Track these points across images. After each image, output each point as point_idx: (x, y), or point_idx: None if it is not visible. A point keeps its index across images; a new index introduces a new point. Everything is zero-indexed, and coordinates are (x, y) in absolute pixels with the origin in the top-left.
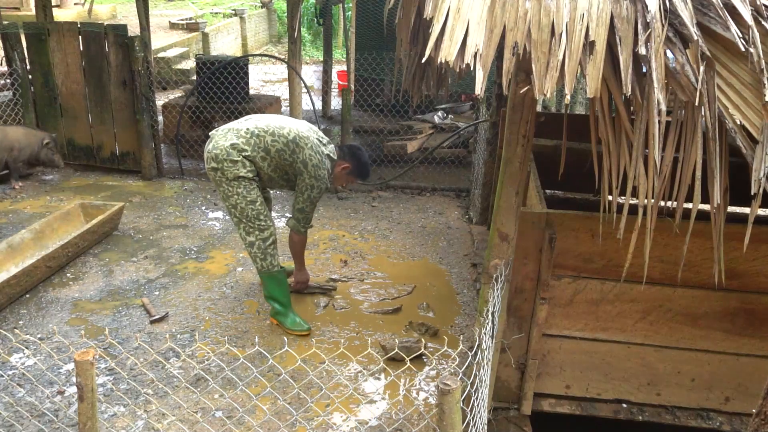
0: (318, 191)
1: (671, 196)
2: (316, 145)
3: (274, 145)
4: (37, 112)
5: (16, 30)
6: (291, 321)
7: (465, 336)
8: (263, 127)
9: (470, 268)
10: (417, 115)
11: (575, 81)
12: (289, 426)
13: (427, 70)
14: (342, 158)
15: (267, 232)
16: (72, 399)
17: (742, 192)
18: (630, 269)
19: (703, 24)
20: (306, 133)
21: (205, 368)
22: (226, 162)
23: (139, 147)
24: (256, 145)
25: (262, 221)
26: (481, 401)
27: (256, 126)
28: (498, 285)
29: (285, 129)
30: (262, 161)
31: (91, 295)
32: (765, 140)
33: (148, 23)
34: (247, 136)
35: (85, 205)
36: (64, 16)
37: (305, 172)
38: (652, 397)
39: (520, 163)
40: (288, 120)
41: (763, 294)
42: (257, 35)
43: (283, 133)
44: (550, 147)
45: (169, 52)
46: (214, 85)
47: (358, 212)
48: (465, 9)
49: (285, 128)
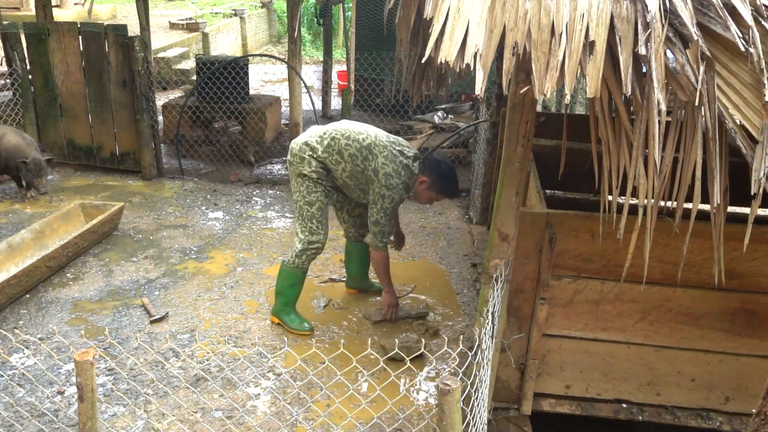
0: (391, 201)
1: (671, 196)
2: (392, 155)
3: (347, 149)
4: (37, 112)
5: (16, 30)
6: (294, 320)
7: (465, 336)
8: (342, 130)
9: (470, 268)
10: (417, 115)
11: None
12: (289, 426)
13: (427, 70)
14: (422, 172)
15: (315, 237)
16: (72, 399)
17: (742, 192)
18: (630, 269)
19: (703, 24)
20: (384, 141)
21: (205, 368)
22: (296, 157)
23: (139, 147)
24: (330, 147)
25: (315, 225)
26: (481, 401)
27: (336, 129)
28: (498, 285)
29: (362, 135)
30: (336, 164)
31: (91, 295)
32: (765, 140)
33: (148, 23)
34: (324, 137)
35: (85, 205)
36: (64, 16)
37: (376, 180)
38: (652, 397)
39: (520, 163)
40: (370, 128)
41: (763, 294)
42: (257, 35)
43: (359, 138)
44: (550, 147)
45: (169, 52)
46: (214, 85)
47: None
48: (465, 9)
49: (362, 134)
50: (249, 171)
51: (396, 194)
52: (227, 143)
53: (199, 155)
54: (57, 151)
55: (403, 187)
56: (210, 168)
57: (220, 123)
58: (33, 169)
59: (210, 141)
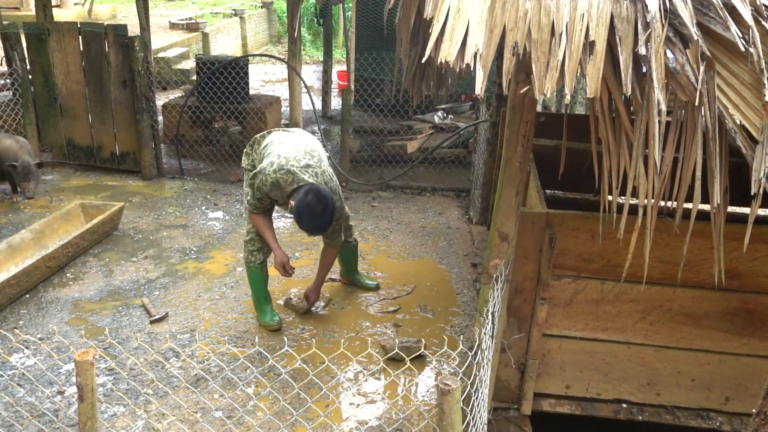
0: (251, 198)
1: (671, 196)
2: (282, 165)
3: (263, 148)
4: (37, 112)
5: (16, 30)
6: (263, 316)
7: (465, 336)
8: (271, 132)
9: (470, 268)
10: (417, 115)
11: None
12: (289, 426)
13: (427, 70)
14: (290, 196)
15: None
16: (72, 399)
17: (742, 192)
18: (630, 269)
19: (703, 24)
20: (290, 152)
21: (205, 368)
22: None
23: (139, 147)
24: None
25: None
26: (481, 401)
27: (272, 131)
28: (498, 285)
29: (275, 139)
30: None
31: (91, 295)
32: (765, 140)
33: (148, 23)
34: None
35: (85, 205)
36: (64, 16)
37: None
38: (652, 397)
39: (520, 163)
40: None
41: (763, 294)
42: (257, 35)
43: (269, 138)
44: (550, 147)
45: (169, 52)
46: (214, 85)
47: (358, 212)
48: (465, 9)
49: (277, 140)
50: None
51: (258, 194)
52: (227, 143)
53: (199, 155)
54: (57, 151)
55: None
56: (210, 168)
57: (220, 123)
58: (21, 172)
59: (210, 141)
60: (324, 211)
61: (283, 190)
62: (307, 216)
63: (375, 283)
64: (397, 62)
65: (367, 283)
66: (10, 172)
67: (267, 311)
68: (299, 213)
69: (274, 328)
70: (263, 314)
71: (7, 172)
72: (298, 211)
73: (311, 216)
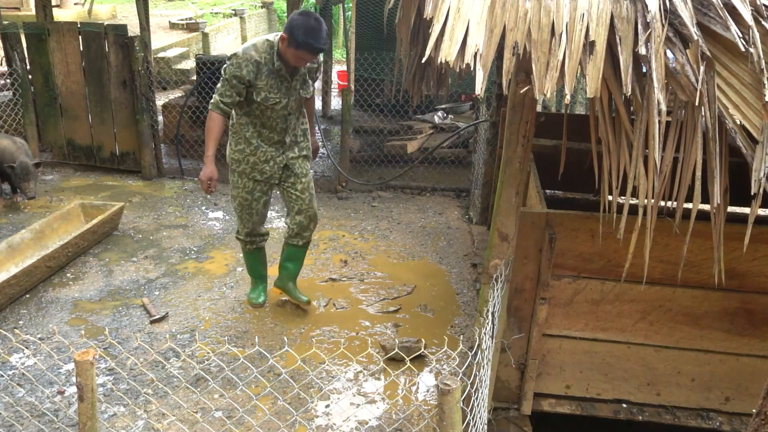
0: (219, 88)
1: (671, 196)
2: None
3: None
4: (37, 112)
5: (16, 30)
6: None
7: (465, 336)
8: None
9: (470, 268)
10: (417, 115)
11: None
12: (289, 426)
13: (427, 70)
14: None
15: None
16: (72, 399)
17: (742, 192)
18: (630, 269)
19: (703, 24)
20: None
21: (205, 368)
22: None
23: (139, 147)
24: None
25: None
26: (481, 401)
27: None
28: (498, 285)
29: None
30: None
31: (91, 295)
32: (765, 140)
33: (148, 23)
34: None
35: (85, 205)
36: (64, 16)
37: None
38: (652, 397)
39: (520, 163)
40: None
41: (763, 294)
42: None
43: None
44: (550, 147)
45: (169, 52)
46: (214, 85)
47: (357, 212)
48: (465, 9)
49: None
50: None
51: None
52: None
53: (199, 155)
54: (57, 151)
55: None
56: None
57: None
58: (20, 173)
59: None
60: (319, 24)
61: (258, 49)
62: (302, 28)
63: (307, 299)
64: (397, 62)
65: (300, 297)
66: (8, 173)
67: (256, 288)
68: (293, 28)
69: (255, 305)
70: (252, 289)
71: (6, 174)
72: (292, 27)
73: (307, 28)
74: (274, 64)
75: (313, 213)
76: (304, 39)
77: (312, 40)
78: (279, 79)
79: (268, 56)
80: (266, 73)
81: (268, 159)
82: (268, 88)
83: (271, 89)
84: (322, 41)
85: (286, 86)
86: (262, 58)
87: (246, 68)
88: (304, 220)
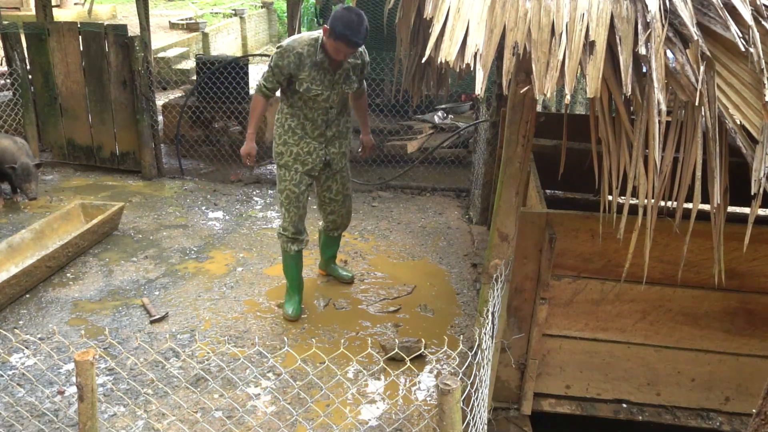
0: (264, 73)
1: (671, 196)
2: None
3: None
4: (37, 112)
5: (16, 30)
6: (286, 303)
7: (465, 336)
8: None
9: (470, 268)
10: (417, 115)
11: (575, 81)
12: (289, 426)
13: (427, 70)
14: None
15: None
16: (72, 399)
17: (742, 192)
18: (630, 269)
19: (703, 24)
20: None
21: (205, 368)
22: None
23: (139, 147)
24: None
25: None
26: (481, 401)
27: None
28: (498, 285)
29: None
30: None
31: (91, 295)
32: (765, 140)
33: (148, 23)
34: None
35: (85, 205)
36: (64, 16)
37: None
38: (652, 397)
39: (520, 163)
40: None
41: (763, 294)
42: (257, 35)
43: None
44: (550, 147)
45: (169, 52)
46: (214, 85)
47: (358, 212)
48: (465, 9)
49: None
50: (249, 171)
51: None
52: (227, 143)
53: (199, 155)
54: (57, 151)
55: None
56: (210, 168)
57: (220, 123)
58: (21, 174)
59: (210, 141)
60: (360, 19)
61: (302, 42)
62: (342, 20)
63: (350, 275)
64: (397, 62)
65: (343, 274)
66: (9, 174)
67: (291, 301)
68: (334, 19)
69: (290, 318)
70: (287, 302)
71: (7, 174)
72: (334, 18)
73: (346, 21)
74: (317, 57)
75: (345, 212)
76: (342, 31)
77: (349, 33)
78: (322, 71)
79: (312, 48)
80: (309, 65)
81: (311, 151)
82: (311, 80)
83: (313, 81)
84: (359, 36)
85: (329, 79)
86: (304, 50)
87: (287, 59)
88: (337, 219)
